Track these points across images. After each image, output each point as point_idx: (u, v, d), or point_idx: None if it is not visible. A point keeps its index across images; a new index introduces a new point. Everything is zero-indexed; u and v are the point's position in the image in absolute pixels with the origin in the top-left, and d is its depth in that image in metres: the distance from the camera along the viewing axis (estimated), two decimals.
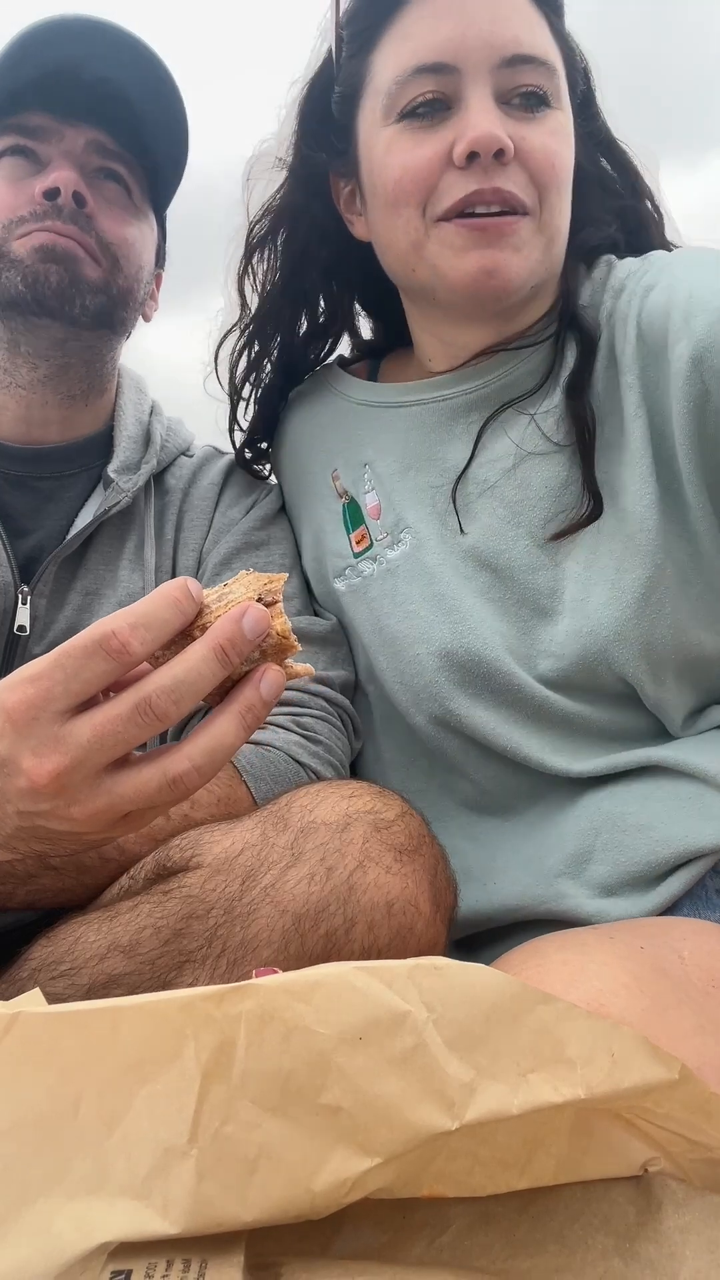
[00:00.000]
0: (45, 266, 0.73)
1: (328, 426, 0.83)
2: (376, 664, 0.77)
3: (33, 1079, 0.29)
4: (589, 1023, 0.32)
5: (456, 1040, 0.31)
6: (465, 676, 0.72)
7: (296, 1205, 0.28)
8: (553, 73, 0.68)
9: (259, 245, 0.82)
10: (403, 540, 0.76)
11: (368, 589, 0.77)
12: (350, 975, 0.31)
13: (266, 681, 0.43)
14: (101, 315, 0.77)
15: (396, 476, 0.77)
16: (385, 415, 0.79)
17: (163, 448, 0.85)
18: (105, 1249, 0.27)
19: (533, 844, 0.73)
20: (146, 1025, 0.30)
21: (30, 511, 0.78)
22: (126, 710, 0.40)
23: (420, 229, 0.68)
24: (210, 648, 0.41)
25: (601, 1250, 0.34)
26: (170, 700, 0.40)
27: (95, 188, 0.77)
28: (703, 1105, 0.33)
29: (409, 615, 0.74)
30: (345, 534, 0.79)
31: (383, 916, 0.52)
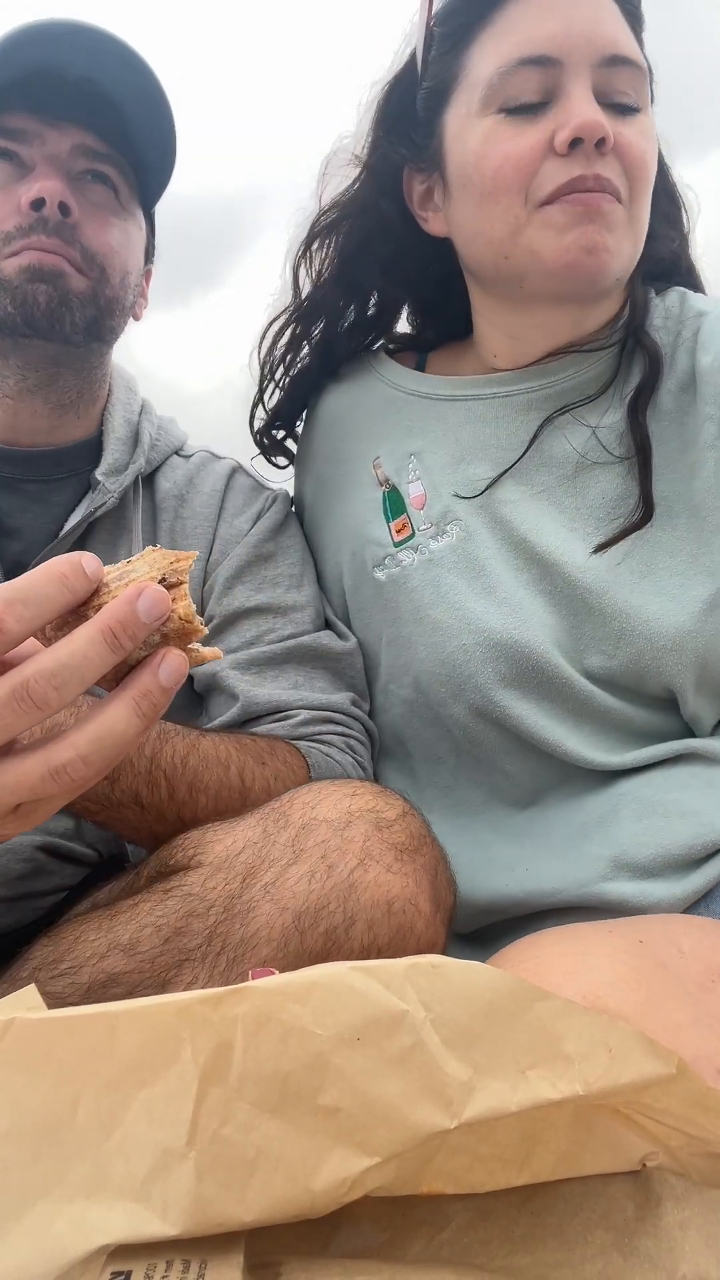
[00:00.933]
0: (34, 287, 0.73)
1: (372, 413, 0.83)
2: (415, 654, 0.76)
3: (29, 1084, 0.29)
4: (586, 1019, 0.32)
5: (454, 1039, 0.31)
6: (511, 668, 0.72)
7: (296, 1205, 0.28)
8: (644, 78, 0.71)
9: (321, 234, 0.83)
10: (448, 532, 0.76)
11: (408, 579, 0.77)
12: (347, 975, 0.31)
13: (166, 666, 0.39)
14: (92, 327, 0.77)
15: (447, 468, 0.78)
16: (438, 407, 0.80)
17: (152, 447, 0.84)
18: (105, 1250, 0.27)
19: (567, 830, 0.73)
20: (143, 1029, 0.30)
21: (17, 512, 0.78)
22: (2, 695, 0.36)
23: (521, 215, 0.70)
24: (99, 630, 0.37)
25: (600, 1245, 0.34)
26: (51, 686, 0.36)
27: (81, 192, 0.76)
28: (700, 1100, 0.33)
29: (455, 605, 0.74)
30: (385, 522, 0.79)
31: (383, 915, 0.52)
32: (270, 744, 0.69)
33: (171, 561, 0.41)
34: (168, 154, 0.82)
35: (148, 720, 0.39)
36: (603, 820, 0.71)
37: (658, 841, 0.68)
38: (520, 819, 0.76)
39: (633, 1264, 0.34)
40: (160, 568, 0.40)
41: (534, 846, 0.74)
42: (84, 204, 0.76)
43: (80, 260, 0.75)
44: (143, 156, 0.80)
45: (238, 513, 0.84)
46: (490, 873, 0.74)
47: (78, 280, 0.75)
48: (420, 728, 0.79)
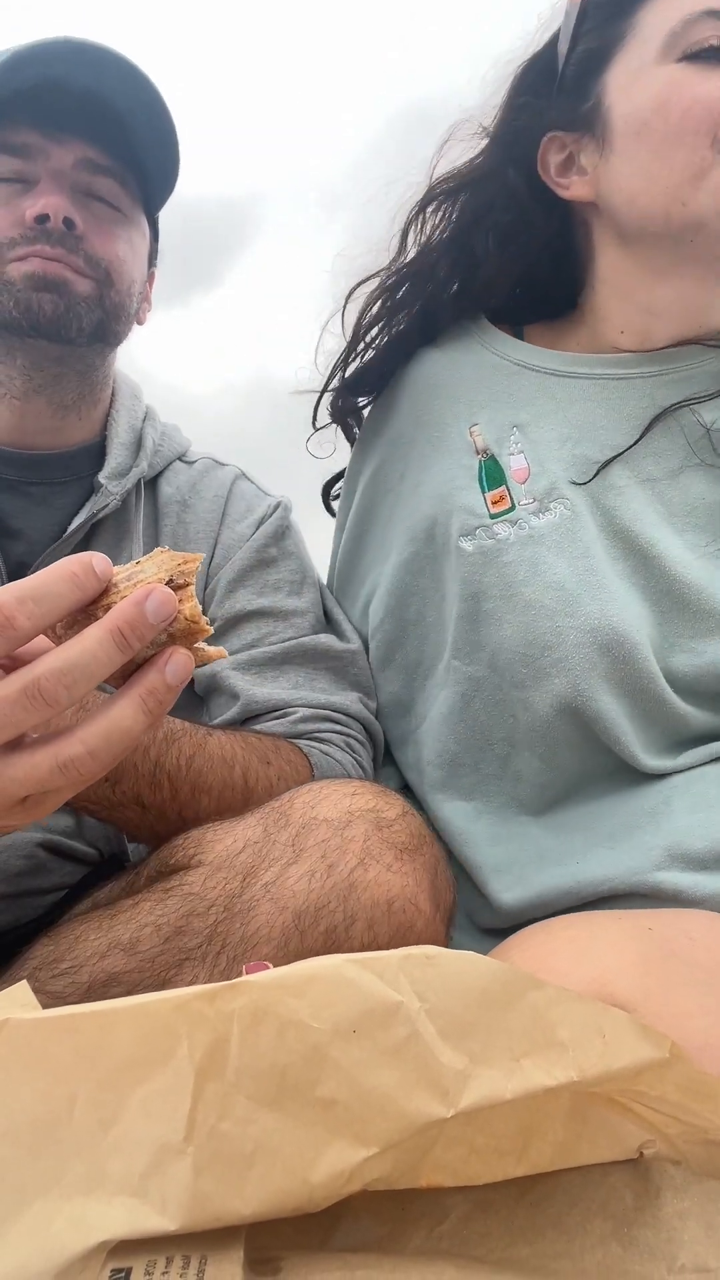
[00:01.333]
0: (39, 295, 0.74)
1: (470, 379, 0.81)
2: (498, 631, 0.74)
3: (24, 1083, 0.29)
4: (579, 1006, 0.32)
5: (449, 1029, 0.31)
6: (604, 657, 0.71)
7: (295, 1198, 0.29)
8: None
9: (439, 198, 0.82)
10: (551, 510, 0.74)
11: (502, 553, 0.74)
12: (342, 968, 0.32)
13: (172, 665, 0.40)
14: (98, 330, 0.78)
15: (553, 445, 0.76)
16: (547, 382, 0.78)
17: (155, 452, 0.85)
18: (104, 1247, 0.27)
19: (616, 821, 0.72)
20: (139, 1026, 0.30)
21: (20, 514, 0.79)
22: (13, 692, 0.37)
23: (708, 157, 0.69)
24: (108, 630, 0.38)
25: (600, 1235, 0.34)
26: (62, 684, 0.37)
27: (85, 207, 0.78)
28: (695, 1086, 0.33)
29: (553, 586, 0.72)
30: (480, 492, 0.77)
31: (383, 914, 0.53)
32: (275, 743, 0.70)
33: (179, 563, 0.42)
34: (170, 162, 0.83)
35: (154, 717, 0.40)
36: (654, 812, 0.70)
37: (712, 835, 0.67)
38: (569, 812, 0.75)
39: (632, 1254, 0.34)
40: (168, 569, 0.42)
41: (584, 839, 0.73)
42: (88, 217, 0.77)
43: (84, 266, 0.76)
44: (145, 164, 0.81)
45: (240, 518, 0.86)
46: (540, 866, 0.73)
47: (82, 284, 0.76)
48: (480, 710, 0.77)
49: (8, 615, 0.37)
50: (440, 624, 0.79)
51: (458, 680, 0.77)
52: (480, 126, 0.81)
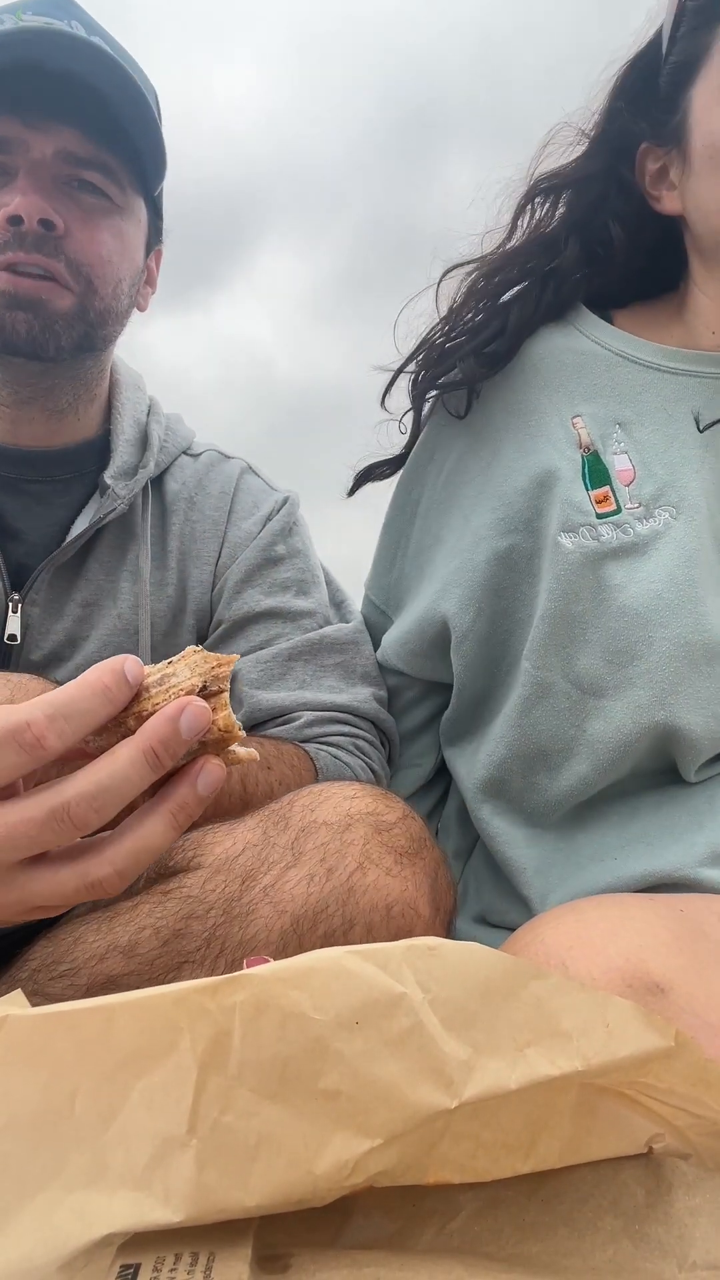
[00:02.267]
0: (12, 315, 0.70)
1: (569, 366, 0.77)
2: (584, 634, 0.71)
3: (25, 1078, 0.29)
4: (583, 995, 0.32)
5: (452, 1019, 0.31)
6: (692, 670, 0.69)
7: (299, 1190, 0.28)
8: None
9: (543, 193, 0.79)
10: (656, 515, 0.72)
11: (603, 556, 0.71)
12: (344, 959, 0.31)
13: (205, 778, 0.39)
14: (81, 344, 0.75)
15: (660, 446, 0.73)
16: (647, 376, 0.75)
17: (161, 449, 0.82)
18: (111, 1241, 0.27)
19: (660, 822, 0.71)
20: (140, 1020, 0.30)
21: (20, 513, 0.76)
22: (42, 815, 0.36)
23: None
24: (141, 750, 0.37)
25: (610, 1232, 0.34)
26: (92, 808, 0.36)
27: (70, 199, 0.72)
28: (702, 1075, 0.33)
29: (650, 594, 0.70)
30: (585, 489, 0.73)
31: (382, 919, 0.52)
32: (278, 747, 0.69)
33: (213, 666, 0.40)
34: (156, 142, 0.78)
35: (182, 829, 0.40)
36: (698, 812, 0.70)
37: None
38: (607, 811, 0.74)
39: (643, 1250, 0.33)
40: (201, 672, 0.40)
41: (618, 837, 0.72)
42: (72, 211, 0.72)
43: (65, 273, 0.72)
44: (136, 144, 0.76)
45: (246, 515, 0.83)
46: (579, 864, 0.72)
47: (62, 300, 0.72)
48: (540, 717, 0.75)
49: (38, 735, 0.36)
50: (519, 622, 0.77)
51: (525, 683, 0.75)
52: (579, 131, 0.79)
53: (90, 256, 0.73)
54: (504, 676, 0.79)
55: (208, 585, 0.81)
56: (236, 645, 0.78)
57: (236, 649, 0.78)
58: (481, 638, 0.78)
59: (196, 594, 0.81)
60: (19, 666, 0.74)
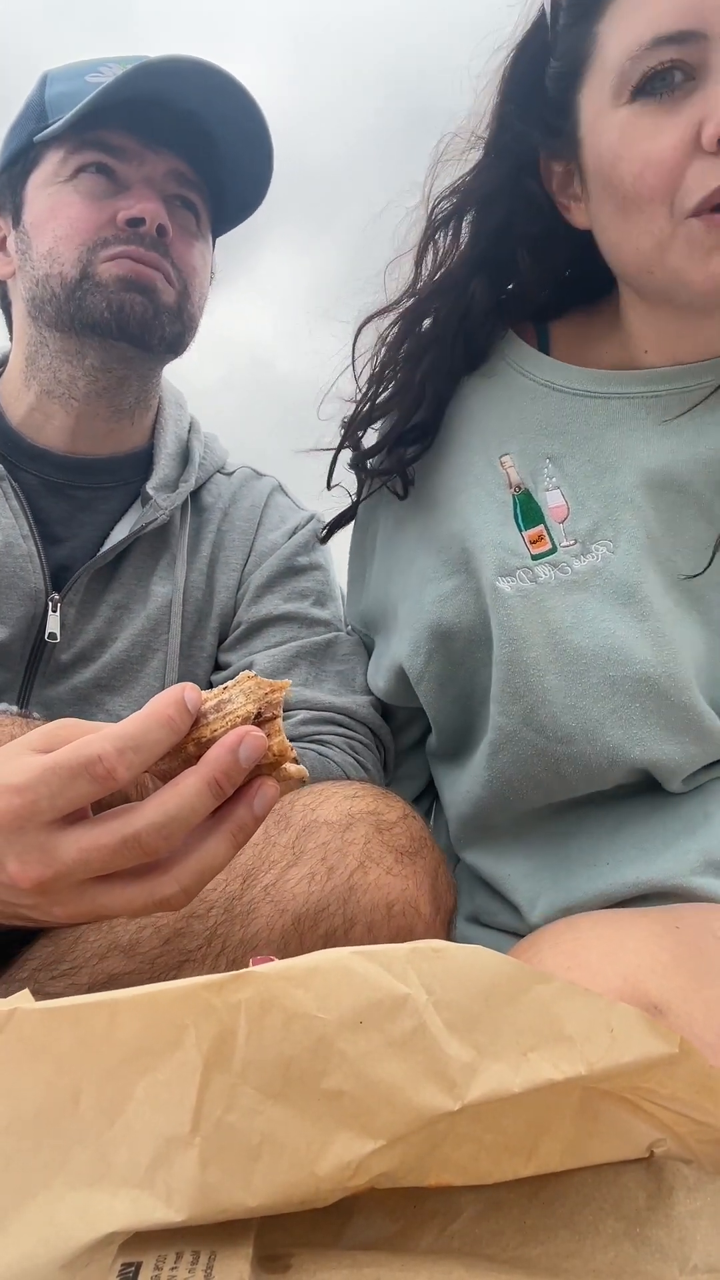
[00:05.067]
0: (130, 296, 0.75)
1: (496, 400, 0.73)
2: (542, 681, 0.68)
3: (30, 1074, 0.29)
4: (587, 1000, 0.32)
5: (456, 1021, 0.31)
6: (660, 706, 0.66)
7: (301, 1190, 0.28)
8: None
9: (443, 224, 0.73)
10: (594, 551, 0.68)
11: (545, 598, 0.68)
12: (349, 960, 0.31)
13: (261, 799, 0.42)
14: (175, 341, 0.80)
15: (591, 478, 0.69)
16: (576, 404, 0.70)
17: (200, 465, 0.87)
18: (113, 1239, 0.26)
19: (654, 831, 0.70)
20: (145, 1017, 0.30)
21: (65, 519, 0.80)
22: (114, 842, 0.39)
23: (666, 228, 0.60)
24: (205, 782, 0.40)
25: (612, 1235, 0.34)
26: (160, 837, 0.39)
27: (172, 214, 0.79)
28: (705, 1082, 0.33)
29: (602, 634, 0.66)
30: (517, 530, 0.69)
31: (382, 918, 0.52)
32: None
33: (266, 692, 0.43)
34: (256, 193, 0.85)
35: (240, 846, 0.42)
36: (691, 820, 0.69)
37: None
38: (597, 822, 0.73)
39: (644, 1254, 0.33)
40: (256, 699, 0.42)
41: (615, 844, 0.71)
42: (176, 226, 0.79)
43: (172, 275, 0.78)
44: (225, 187, 0.83)
45: (274, 527, 0.88)
46: (570, 870, 0.71)
47: (168, 293, 0.78)
48: (506, 764, 0.72)
49: (109, 768, 0.38)
50: (488, 661, 0.73)
51: (493, 728, 0.72)
52: (474, 136, 0.71)
53: (187, 266, 0.80)
54: (478, 711, 0.76)
55: (233, 590, 0.85)
56: (253, 645, 0.81)
57: (253, 649, 0.81)
58: (439, 678, 0.75)
59: (223, 598, 0.85)
60: (54, 664, 0.76)
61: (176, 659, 0.79)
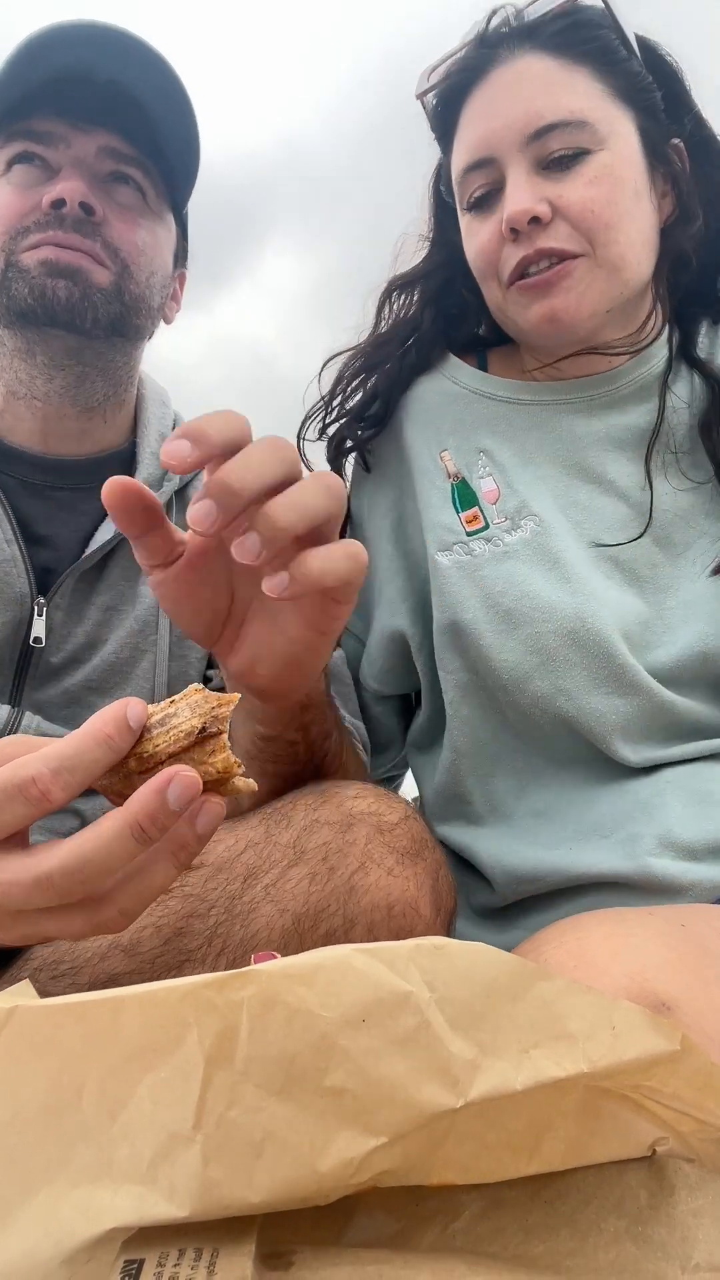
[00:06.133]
0: (53, 282, 0.73)
1: (437, 407, 0.87)
2: (480, 640, 0.78)
3: (33, 1070, 0.29)
4: (589, 997, 0.32)
5: (459, 1019, 0.31)
6: (585, 658, 0.75)
7: (303, 1187, 0.28)
8: (582, 125, 0.75)
9: (398, 290, 0.92)
10: (523, 526, 0.80)
11: (480, 568, 0.80)
12: (351, 957, 0.31)
13: (204, 817, 0.39)
14: (115, 323, 0.77)
15: (518, 467, 0.82)
16: (502, 409, 0.85)
17: None
18: (115, 1236, 0.26)
19: (612, 812, 0.75)
20: (148, 1014, 0.30)
21: (46, 519, 0.78)
22: (29, 880, 0.37)
23: (500, 294, 0.81)
24: (127, 825, 0.36)
25: (614, 1234, 0.33)
26: (76, 881, 0.36)
27: (108, 193, 0.77)
28: (707, 1081, 0.33)
29: (529, 597, 0.77)
30: (455, 512, 0.83)
31: (383, 919, 0.52)
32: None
33: (213, 706, 0.40)
34: (192, 155, 0.82)
35: (185, 867, 0.40)
36: (648, 804, 0.73)
37: (703, 826, 0.71)
38: (564, 803, 0.78)
39: (645, 1252, 0.33)
40: (202, 713, 0.40)
41: (577, 827, 0.76)
42: (110, 205, 0.76)
43: (102, 254, 0.75)
44: (169, 158, 0.80)
45: None
46: (534, 848, 0.76)
47: (99, 274, 0.75)
48: (470, 715, 0.81)
49: (43, 790, 0.37)
50: (423, 634, 0.84)
51: (448, 688, 0.81)
52: (420, 236, 0.93)
53: (126, 243, 0.77)
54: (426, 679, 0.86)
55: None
56: None
57: None
58: (424, 648, 0.86)
59: None
60: (41, 668, 0.75)
61: (166, 660, 0.79)
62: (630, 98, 0.78)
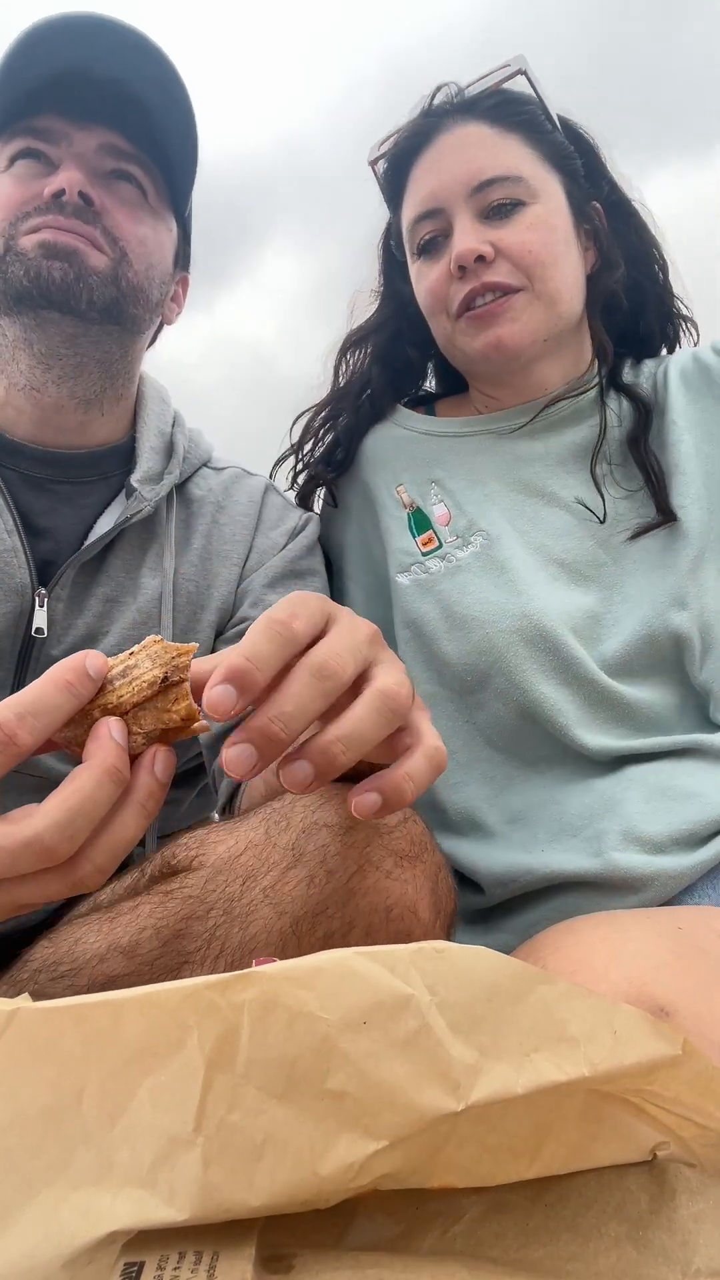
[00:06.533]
0: (49, 263, 0.73)
1: (392, 450, 0.98)
2: (440, 648, 0.86)
3: (33, 1073, 0.29)
4: (590, 1001, 0.32)
5: (459, 1022, 0.31)
6: (534, 652, 0.82)
7: (304, 1190, 0.28)
8: (518, 180, 0.88)
9: (354, 346, 1.04)
10: (472, 542, 0.88)
11: (436, 583, 0.88)
12: (352, 960, 0.31)
13: (161, 763, 0.41)
14: (111, 309, 0.77)
15: (465, 490, 0.91)
16: (449, 443, 0.95)
17: (185, 458, 0.86)
18: (115, 1239, 0.26)
19: (579, 810, 0.79)
20: (148, 1017, 0.30)
21: (47, 511, 0.78)
22: (15, 845, 0.37)
23: (449, 326, 0.91)
24: (103, 770, 0.39)
25: (614, 1238, 0.33)
26: (65, 837, 0.37)
27: (108, 188, 0.77)
28: (708, 1085, 0.33)
29: (481, 603, 0.84)
30: (411, 537, 0.92)
31: (381, 921, 0.52)
32: None
33: (174, 655, 0.42)
34: (190, 152, 0.82)
35: (153, 815, 0.41)
36: (612, 802, 0.77)
37: (666, 820, 0.74)
38: (536, 806, 0.82)
39: (646, 1257, 0.33)
40: (163, 663, 0.41)
41: (546, 828, 0.80)
42: (110, 199, 0.76)
43: (101, 239, 0.76)
44: (170, 156, 0.80)
45: (273, 526, 0.88)
46: (511, 852, 0.80)
47: (96, 258, 0.75)
48: (440, 720, 0.85)
49: (9, 733, 0.37)
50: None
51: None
52: (371, 291, 1.06)
53: (125, 233, 0.77)
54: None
55: (233, 583, 0.84)
56: None
57: None
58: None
59: (222, 591, 0.84)
60: (43, 659, 0.75)
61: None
62: (556, 163, 0.90)
